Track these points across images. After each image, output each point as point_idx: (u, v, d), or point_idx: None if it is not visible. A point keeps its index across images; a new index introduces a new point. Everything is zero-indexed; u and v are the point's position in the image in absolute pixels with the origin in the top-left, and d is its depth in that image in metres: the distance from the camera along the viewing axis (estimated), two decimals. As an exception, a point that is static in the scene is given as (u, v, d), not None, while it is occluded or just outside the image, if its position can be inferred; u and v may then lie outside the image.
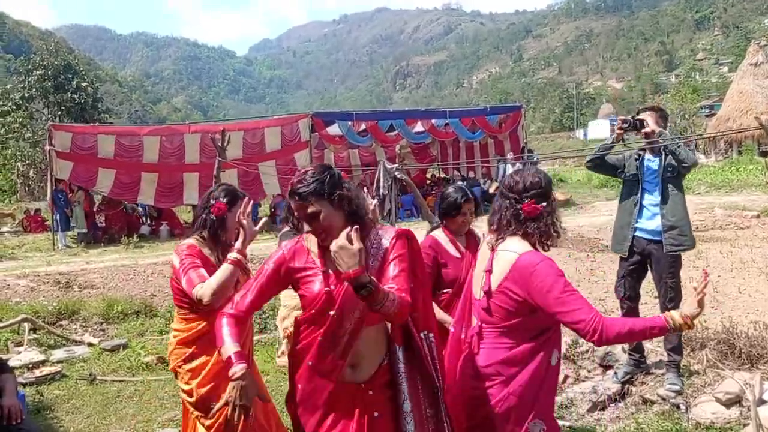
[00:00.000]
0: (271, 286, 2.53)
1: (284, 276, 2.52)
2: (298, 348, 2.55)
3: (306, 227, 2.54)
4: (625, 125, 4.71)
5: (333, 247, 2.23)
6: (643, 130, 4.68)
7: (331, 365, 2.43)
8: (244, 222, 3.07)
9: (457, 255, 3.73)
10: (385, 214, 16.85)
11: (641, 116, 4.71)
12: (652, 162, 4.82)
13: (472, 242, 3.88)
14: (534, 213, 2.61)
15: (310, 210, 2.41)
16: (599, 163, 5.06)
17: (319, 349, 2.43)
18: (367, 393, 2.46)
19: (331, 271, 2.42)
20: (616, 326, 2.42)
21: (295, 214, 2.48)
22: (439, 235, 3.82)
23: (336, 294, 2.40)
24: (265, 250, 9.71)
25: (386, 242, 2.46)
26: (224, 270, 2.98)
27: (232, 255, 3.02)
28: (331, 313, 2.40)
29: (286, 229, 3.89)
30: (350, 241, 2.20)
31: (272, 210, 19.79)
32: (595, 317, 2.39)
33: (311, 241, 2.54)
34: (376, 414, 2.46)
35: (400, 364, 2.49)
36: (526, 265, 2.51)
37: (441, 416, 2.55)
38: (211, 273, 3.04)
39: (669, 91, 57.81)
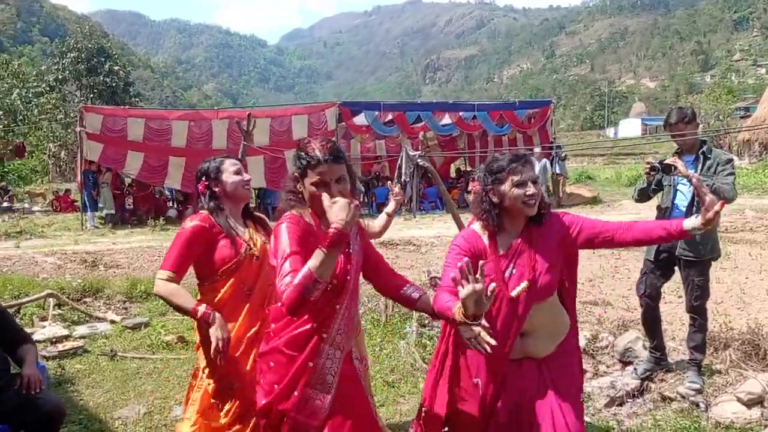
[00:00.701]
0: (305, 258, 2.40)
1: (306, 245, 2.43)
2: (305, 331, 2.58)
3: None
4: (653, 171, 4.63)
5: (334, 200, 2.29)
6: (672, 174, 4.59)
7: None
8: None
9: None
10: (405, 201, 16.89)
11: (669, 161, 4.61)
12: (684, 189, 4.76)
13: None
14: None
15: (342, 173, 2.48)
16: (645, 198, 4.98)
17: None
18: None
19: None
20: None
21: (326, 178, 2.44)
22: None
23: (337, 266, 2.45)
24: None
25: None
26: (183, 297, 2.99)
27: (201, 309, 2.97)
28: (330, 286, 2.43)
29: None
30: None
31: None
32: None
33: (307, 215, 2.53)
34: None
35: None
36: None
37: None
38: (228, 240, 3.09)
39: (703, 91, 56.83)
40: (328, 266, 2.25)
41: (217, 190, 3.20)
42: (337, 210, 2.23)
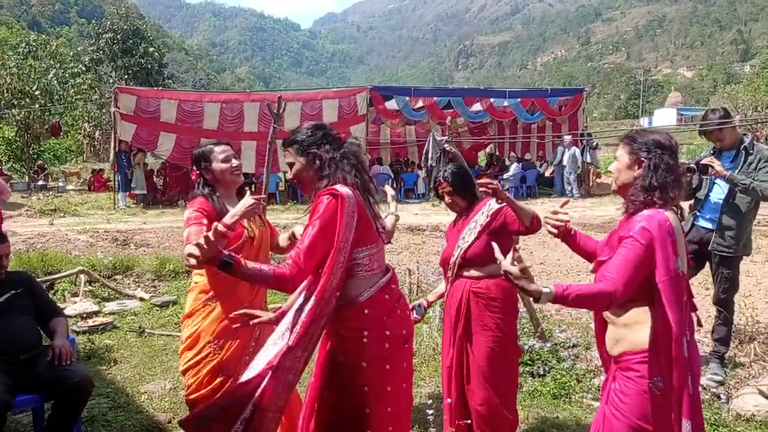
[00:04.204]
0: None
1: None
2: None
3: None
4: (690, 172, 4.58)
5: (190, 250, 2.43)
6: (710, 173, 4.54)
7: None
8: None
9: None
10: (432, 185, 16.85)
11: (705, 161, 4.55)
12: (721, 184, 4.72)
13: None
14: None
15: (287, 159, 2.70)
16: (688, 197, 4.94)
17: None
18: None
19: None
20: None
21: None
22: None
23: None
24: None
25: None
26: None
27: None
28: None
29: None
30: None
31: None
32: None
33: None
34: None
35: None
36: None
37: None
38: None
39: (742, 82, 55.50)
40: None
41: (208, 177, 3.29)
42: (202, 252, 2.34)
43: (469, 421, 3.54)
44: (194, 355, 3.25)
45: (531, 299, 2.39)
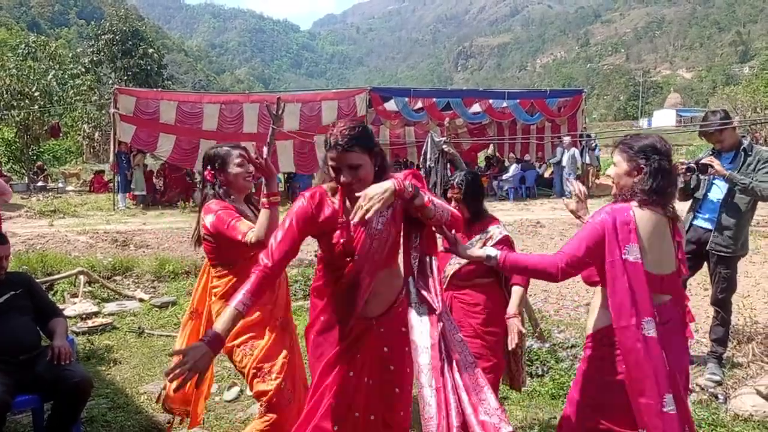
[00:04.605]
0: (298, 236, 2.58)
1: (310, 226, 2.60)
2: (321, 284, 2.75)
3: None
4: (689, 172, 4.60)
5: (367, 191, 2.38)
6: (710, 172, 4.56)
7: (348, 302, 2.62)
8: (261, 162, 3.01)
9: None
10: (431, 186, 16.85)
11: (705, 160, 4.57)
12: (720, 185, 4.74)
13: None
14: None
15: (354, 161, 2.51)
16: (687, 197, 4.95)
17: (340, 288, 2.64)
18: (378, 329, 2.66)
19: (352, 222, 2.49)
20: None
21: (336, 164, 2.53)
22: None
23: (356, 242, 2.57)
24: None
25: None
26: (263, 215, 2.98)
27: (264, 199, 3.01)
28: (350, 259, 2.58)
29: None
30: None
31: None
32: None
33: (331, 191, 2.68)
34: (385, 349, 2.67)
35: (412, 296, 2.60)
36: None
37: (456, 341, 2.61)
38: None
39: (741, 83, 55.56)
40: None
41: (220, 178, 3.29)
42: (378, 190, 2.40)
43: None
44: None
45: (528, 300, 2.50)
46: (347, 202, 2.61)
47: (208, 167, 3.32)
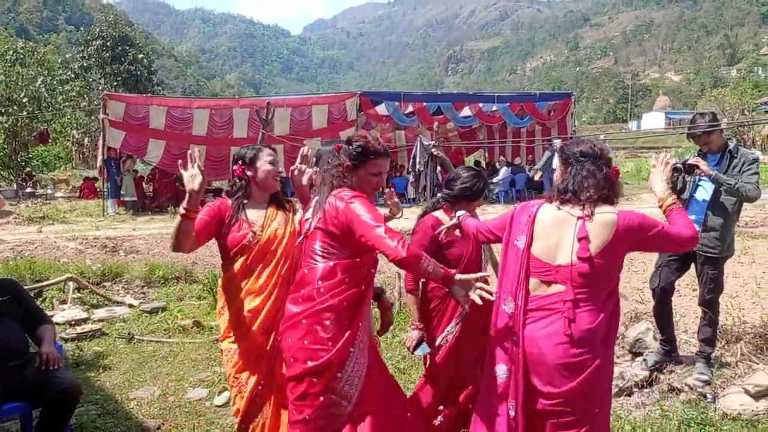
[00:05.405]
0: None
1: None
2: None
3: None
4: (676, 173, 4.63)
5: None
6: (696, 173, 4.59)
7: None
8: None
9: (459, 234, 3.68)
10: (420, 190, 16.87)
11: (692, 161, 4.61)
12: (706, 186, 4.76)
13: None
14: (617, 176, 2.80)
15: (382, 170, 2.92)
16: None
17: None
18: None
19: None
20: (685, 222, 2.77)
21: (382, 169, 2.94)
22: (442, 216, 3.77)
23: None
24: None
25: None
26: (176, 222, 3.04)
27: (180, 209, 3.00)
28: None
29: None
30: None
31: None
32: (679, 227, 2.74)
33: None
34: None
35: None
36: (631, 219, 2.66)
37: None
38: (239, 228, 3.24)
39: (729, 85, 56.03)
40: (436, 275, 2.67)
41: (249, 174, 3.34)
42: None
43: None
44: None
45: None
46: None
47: (239, 162, 3.36)
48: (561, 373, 2.62)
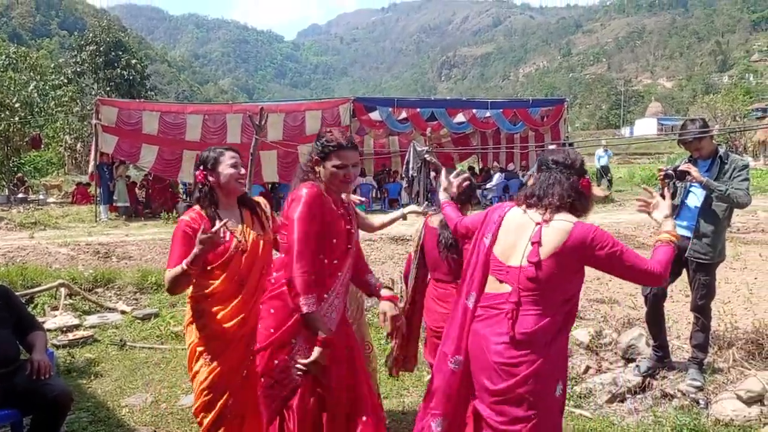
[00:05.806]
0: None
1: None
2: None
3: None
4: (668, 179, 4.66)
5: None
6: (687, 179, 4.62)
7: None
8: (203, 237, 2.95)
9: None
10: (413, 195, 16.87)
11: (683, 167, 4.64)
12: (697, 192, 4.78)
13: None
14: (588, 189, 2.81)
15: (356, 160, 2.97)
16: None
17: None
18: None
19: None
20: (661, 260, 2.67)
21: (347, 162, 2.93)
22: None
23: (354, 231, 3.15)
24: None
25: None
26: (177, 273, 3.01)
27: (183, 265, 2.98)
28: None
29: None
30: None
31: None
32: (650, 261, 2.67)
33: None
34: None
35: None
36: (585, 232, 2.63)
37: None
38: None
39: (720, 92, 56.34)
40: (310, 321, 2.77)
41: (212, 180, 3.22)
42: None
43: None
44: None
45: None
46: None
47: (200, 167, 3.25)
48: (498, 373, 2.67)
